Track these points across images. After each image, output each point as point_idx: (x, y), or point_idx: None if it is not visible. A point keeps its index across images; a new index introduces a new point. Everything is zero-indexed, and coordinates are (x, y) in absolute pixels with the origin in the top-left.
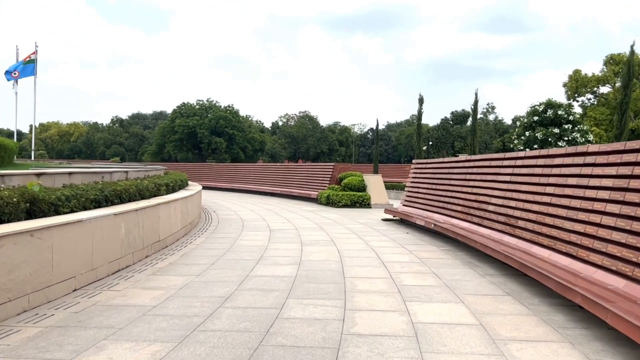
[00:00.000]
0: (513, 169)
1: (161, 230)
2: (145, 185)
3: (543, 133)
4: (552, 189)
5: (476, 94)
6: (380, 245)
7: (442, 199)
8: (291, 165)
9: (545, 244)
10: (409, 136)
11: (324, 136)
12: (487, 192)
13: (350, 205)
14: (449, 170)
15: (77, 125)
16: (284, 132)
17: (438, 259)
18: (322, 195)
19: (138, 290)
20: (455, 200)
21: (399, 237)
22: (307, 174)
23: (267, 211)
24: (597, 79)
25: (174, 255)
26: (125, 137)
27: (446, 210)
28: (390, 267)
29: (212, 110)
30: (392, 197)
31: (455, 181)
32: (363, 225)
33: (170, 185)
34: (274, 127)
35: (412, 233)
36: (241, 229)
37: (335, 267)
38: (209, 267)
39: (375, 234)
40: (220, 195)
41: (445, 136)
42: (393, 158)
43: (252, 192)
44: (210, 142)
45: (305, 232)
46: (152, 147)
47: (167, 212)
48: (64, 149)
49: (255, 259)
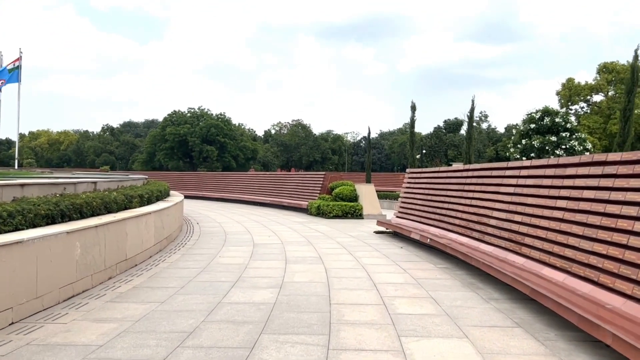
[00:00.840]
0: (517, 180)
1: (129, 248)
2: (113, 198)
3: (540, 141)
4: (564, 202)
5: (473, 101)
6: (372, 263)
7: (439, 211)
8: (281, 175)
9: (559, 266)
10: (402, 144)
11: (316, 144)
12: (489, 205)
13: (341, 216)
14: (445, 180)
15: (68, 134)
16: (276, 141)
17: (435, 280)
18: (312, 205)
19: (87, 323)
20: (452, 213)
21: (392, 253)
22: (297, 184)
23: (254, 223)
24: (590, 87)
25: (142, 276)
26: (116, 145)
27: (443, 224)
28: (382, 291)
29: (204, 118)
30: (385, 206)
31: (453, 192)
32: (354, 238)
33: (145, 197)
34: (267, 136)
35: (407, 247)
36: (222, 244)
37: (321, 290)
38: (178, 291)
39: (367, 249)
40: (207, 206)
41: (439, 144)
42: (386, 166)
43: (241, 202)
44: (202, 151)
45: (292, 248)
46: (143, 155)
47: (136, 227)
48: (53, 157)
49: (231, 281)
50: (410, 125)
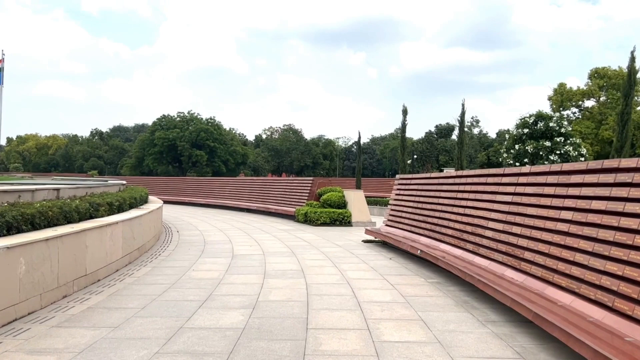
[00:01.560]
0: (515, 188)
1: (90, 262)
2: (75, 206)
3: (534, 146)
4: (569, 214)
5: (463, 105)
6: (358, 277)
7: (430, 220)
8: (268, 180)
9: (564, 286)
10: (394, 149)
11: (308, 149)
12: (484, 215)
13: (329, 223)
14: (437, 187)
15: (56, 138)
16: (267, 145)
17: (426, 297)
18: (299, 212)
19: (20, 356)
20: (445, 222)
21: (380, 265)
22: (285, 189)
23: (238, 231)
24: (582, 92)
25: (101, 294)
26: (105, 150)
27: (435, 234)
28: (367, 311)
29: (194, 122)
30: (376, 212)
31: (445, 200)
32: (341, 248)
33: (115, 205)
34: (258, 140)
35: (396, 259)
36: (199, 255)
37: (298, 311)
38: (137, 313)
39: (354, 261)
40: (192, 212)
41: (430, 150)
42: (378, 172)
43: (228, 208)
44: (191, 155)
45: (273, 259)
46: (132, 160)
47: (99, 238)
48: (41, 162)
49: (200, 300)
50: (401, 130)
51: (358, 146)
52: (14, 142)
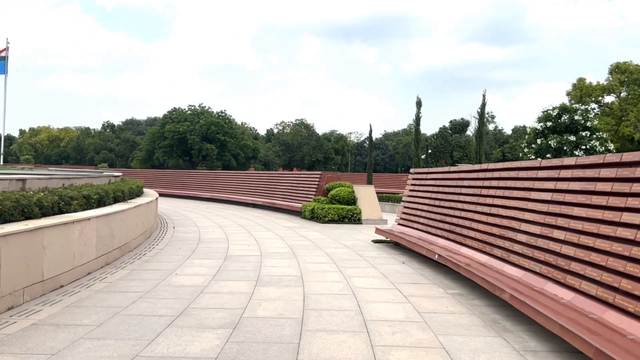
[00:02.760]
0: (556, 183)
1: (49, 266)
2: (36, 200)
3: (557, 141)
4: (635, 217)
5: (484, 96)
6: (366, 285)
7: (449, 219)
8: (275, 174)
9: (632, 311)
10: (407, 145)
11: (319, 144)
12: (515, 215)
13: (337, 220)
14: (457, 182)
15: (68, 130)
16: (278, 140)
17: (447, 315)
18: (306, 208)
19: None
20: (466, 223)
21: (391, 271)
22: (291, 184)
23: (237, 228)
24: (602, 87)
25: (58, 304)
26: (117, 142)
27: (454, 236)
28: (375, 334)
29: (204, 116)
30: (387, 210)
31: (467, 197)
32: (348, 249)
33: (93, 198)
34: (269, 135)
35: (410, 263)
36: (189, 255)
37: (289, 333)
38: (89, 332)
39: (361, 265)
40: (194, 207)
41: (444, 145)
42: (390, 167)
43: (233, 203)
44: (201, 149)
45: (270, 262)
46: (142, 153)
47: (63, 237)
48: (53, 154)
49: (172, 315)
50: (415, 123)
51: (370, 140)
52: (27, 134)
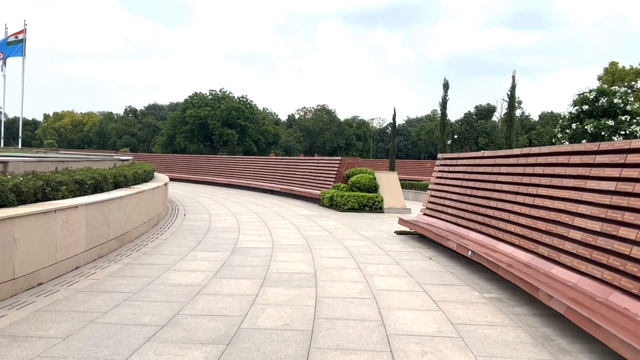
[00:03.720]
0: (622, 171)
1: (22, 261)
2: (12, 185)
3: (594, 125)
4: None
5: (513, 77)
6: (388, 287)
7: (483, 210)
8: (293, 160)
9: None
10: (430, 131)
11: (341, 130)
12: (566, 207)
13: (357, 208)
14: (493, 168)
15: (92, 115)
16: (299, 126)
17: (488, 327)
18: (324, 195)
19: None
20: (504, 215)
21: (417, 268)
22: (310, 170)
23: (252, 215)
24: (635, 72)
25: (29, 306)
26: (139, 127)
27: (490, 229)
28: (401, 355)
29: (225, 100)
30: (410, 197)
31: (505, 185)
32: (368, 241)
33: (87, 183)
34: (290, 120)
35: (438, 259)
36: (194, 246)
37: (294, 351)
38: (51, 348)
39: (383, 261)
40: (210, 193)
41: (469, 131)
42: (413, 154)
43: (252, 189)
44: (222, 134)
45: (282, 256)
46: (163, 138)
47: (42, 228)
48: (76, 138)
49: (157, 324)
50: (441, 106)
51: (393, 125)
52: (50, 118)
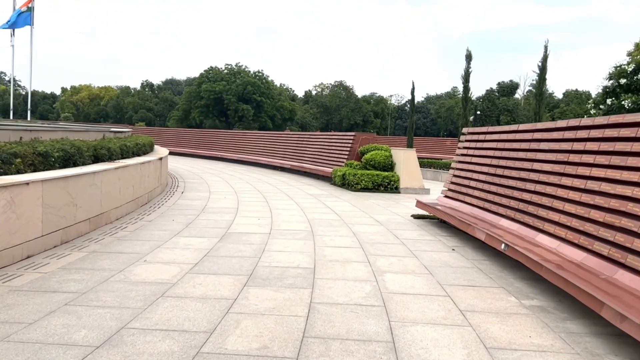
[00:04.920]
0: None
1: None
2: None
3: (632, 100)
4: None
5: (546, 47)
6: (403, 290)
7: (518, 194)
8: (305, 135)
9: None
10: (450, 109)
11: (358, 107)
12: (635, 194)
13: (371, 188)
14: (530, 144)
15: (108, 89)
16: (316, 102)
17: (534, 354)
18: (336, 173)
19: None
20: (546, 201)
21: (438, 263)
22: (322, 146)
23: (255, 194)
24: None
25: None
26: (155, 102)
27: (528, 217)
28: None
29: (241, 75)
30: (429, 177)
31: (546, 165)
32: (381, 227)
33: (54, 156)
34: (307, 97)
35: (462, 250)
36: (180, 230)
37: None
38: None
39: (397, 252)
40: (220, 169)
41: (491, 108)
42: (432, 132)
43: (262, 166)
44: (237, 109)
45: (278, 244)
46: (178, 112)
47: None
48: (92, 112)
49: (91, 343)
50: (464, 79)
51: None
52: (68, 92)
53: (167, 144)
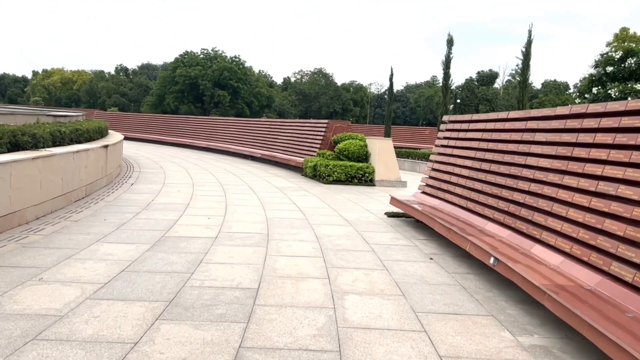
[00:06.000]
0: None
1: None
2: None
3: (620, 89)
4: None
5: (530, 32)
6: (367, 322)
7: (509, 194)
8: (277, 122)
9: None
10: (429, 98)
11: (337, 94)
12: None
13: (344, 180)
14: (523, 136)
15: (82, 73)
16: (295, 89)
17: None
18: (307, 164)
19: None
20: (544, 204)
21: (413, 278)
22: (294, 134)
23: (215, 187)
24: None
25: None
26: (130, 87)
27: (521, 223)
28: None
29: (217, 60)
30: (407, 167)
31: (544, 160)
32: (350, 228)
33: None
34: (286, 83)
35: (442, 258)
36: (106, 234)
37: None
38: None
39: (365, 263)
40: (184, 157)
41: (470, 98)
42: (411, 121)
43: (231, 154)
44: (213, 95)
45: (222, 254)
46: (152, 98)
47: None
48: (63, 96)
49: None
50: (444, 65)
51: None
52: (39, 75)
53: (134, 131)
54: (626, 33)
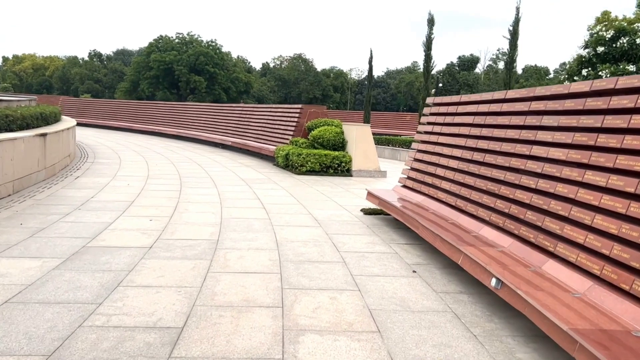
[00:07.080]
0: None
1: None
2: None
3: (611, 71)
4: None
5: (518, 10)
6: None
7: (509, 192)
8: (248, 108)
9: None
10: (410, 84)
11: (317, 80)
12: None
13: (319, 171)
14: (526, 120)
15: (54, 59)
16: (274, 75)
17: None
18: (279, 152)
19: None
20: (559, 207)
21: (391, 302)
22: (267, 121)
23: (172, 179)
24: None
25: None
26: (104, 73)
27: (527, 229)
28: None
29: (193, 45)
30: (387, 155)
31: (555, 151)
32: (319, 229)
33: None
34: (265, 69)
35: (427, 272)
36: (14, 244)
37: None
38: None
39: (334, 280)
40: (148, 145)
41: (451, 83)
42: (392, 107)
43: (202, 142)
44: (189, 81)
45: (150, 271)
46: (126, 84)
47: None
48: (35, 83)
49: None
50: (425, 46)
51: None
52: (10, 61)
53: (104, 118)
54: (608, 16)
